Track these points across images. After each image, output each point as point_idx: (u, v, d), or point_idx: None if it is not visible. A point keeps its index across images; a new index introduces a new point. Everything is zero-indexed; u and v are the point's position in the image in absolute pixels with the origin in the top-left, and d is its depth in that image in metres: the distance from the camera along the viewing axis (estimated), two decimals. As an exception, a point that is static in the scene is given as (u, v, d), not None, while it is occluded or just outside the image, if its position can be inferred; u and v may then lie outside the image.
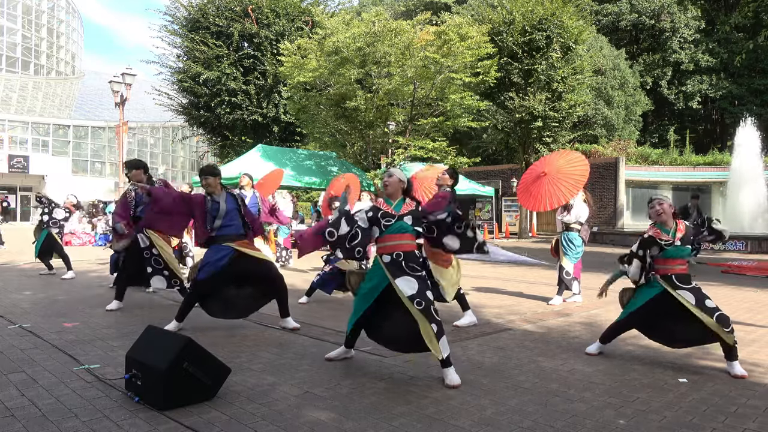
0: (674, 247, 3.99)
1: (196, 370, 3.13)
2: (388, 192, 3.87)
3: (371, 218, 3.82)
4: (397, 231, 3.76)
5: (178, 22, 23.50)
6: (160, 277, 5.91)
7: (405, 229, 3.77)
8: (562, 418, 3.00)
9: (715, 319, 3.79)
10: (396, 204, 3.85)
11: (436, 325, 3.55)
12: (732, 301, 7.12)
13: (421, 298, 3.58)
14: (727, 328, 3.77)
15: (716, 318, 3.80)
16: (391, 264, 3.70)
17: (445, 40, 16.82)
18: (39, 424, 2.86)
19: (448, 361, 3.58)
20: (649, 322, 4.16)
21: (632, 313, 4.14)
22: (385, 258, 3.74)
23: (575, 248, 6.69)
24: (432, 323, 3.54)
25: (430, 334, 3.52)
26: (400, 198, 3.89)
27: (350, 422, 2.92)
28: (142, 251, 5.86)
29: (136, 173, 5.99)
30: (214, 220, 4.82)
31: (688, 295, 3.91)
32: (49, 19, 53.04)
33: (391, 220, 3.76)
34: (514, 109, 22.10)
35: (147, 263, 5.87)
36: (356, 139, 18.74)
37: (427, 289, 3.66)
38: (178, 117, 26.13)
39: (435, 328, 3.53)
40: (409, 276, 3.65)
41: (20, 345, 4.47)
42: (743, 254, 15.10)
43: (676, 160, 26.02)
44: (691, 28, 32.72)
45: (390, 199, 3.88)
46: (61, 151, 40.57)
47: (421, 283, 3.65)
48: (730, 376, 3.78)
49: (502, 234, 24.80)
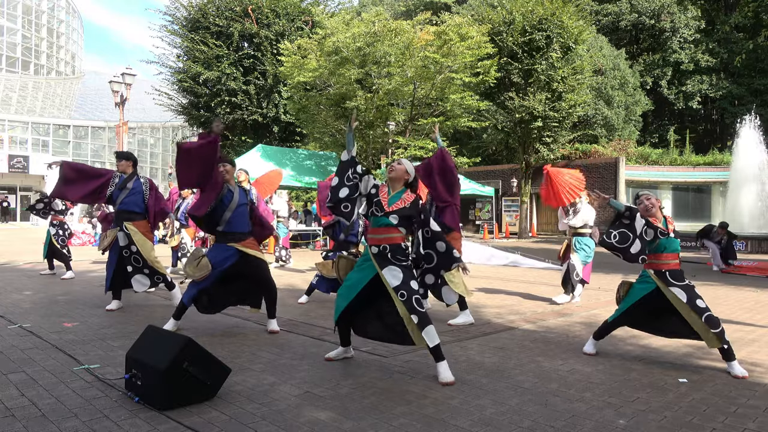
0: (667, 238, 4.02)
1: (196, 370, 3.13)
2: (391, 177, 3.90)
3: (369, 194, 3.87)
4: (383, 225, 3.80)
5: (178, 22, 23.52)
6: (142, 276, 5.90)
7: (390, 224, 3.80)
8: (562, 418, 3.00)
9: (703, 319, 3.83)
10: (394, 194, 3.86)
11: (417, 316, 3.57)
12: (732, 301, 7.13)
13: (404, 289, 3.62)
14: (715, 329, 3.78)
15: (705, 318, 3.83)
16: (378, 255, 3.76)
17: (445, 40, 16.82)
18: (39, 424, 2.86)
19: (439, 354, 3.61)
20: (641, 319, 4.21)
21: (625, 312, 4.17)
22: (373, 249, 3.81)
23: (588, 251, 6.73)
24: (413, 314, 3.57)
25: (412, 324, 3.58)
26: (400, 188, 3.90)
27: (350, 422, 2.92)
28: (121, 250, 5.84)
29: (125, 164, 6.02)
30: (224, 212, 4.77)
31: (680, 293, 3.93)
32: (49, 19, 53.06)
33: (378, 213, 3.81)
34: (514, 109, 22.10)
35: (126, 262, 5.87)
36: (356, 139, 18.75)
37: (411, 279, 3.70)
38: (178, 117, 26.14)
39: (416, 319, 3.57)
40: (394, 266, 3.71)
41: (20, 345, 4.47)
42: (743, 254, 15.09)
43: (676, 160, 26.02)
44: (691, 28, 32.71)
45: (391, 185, 3.91)
46: (61, 151, 40.58)
47: (406, 274, 3.70)
48: (730, 376, 3.79)
49: (502, 234, 24.81)
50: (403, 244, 3.85)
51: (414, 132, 18.70)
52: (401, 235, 3.82)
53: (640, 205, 4.12)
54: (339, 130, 18.87)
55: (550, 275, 9.93)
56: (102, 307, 6.12)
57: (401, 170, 3.90)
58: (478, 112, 20.68)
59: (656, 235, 3.99)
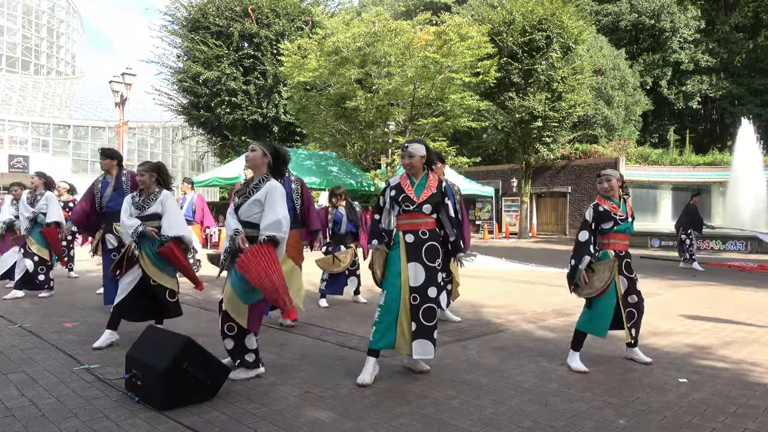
0: (626, 222, 4.03)
1: (196, 370, 3.13)
2: (412, 172, 3.77)
3: (393, 198, 3.76)
4: (417, 212, 3.70)
5: (178, 22, 23.53)
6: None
7: (423, 213, 3.72)
8: (562, 418, 3.00)
9: (626, 312, 3.95)
10: (418, 182, 3.75)
11: (417, 325, 3.55)
12: (732, 301, 7.12)
13: (419, 293, 3.58)
14: (629, 323, 3.95)
15: (627, 312, 3.96)
16: (412, 245, 3.65)
17: (445, 40, 16.82)
18: (39, 424, 2.86)
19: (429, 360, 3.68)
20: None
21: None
22: (408, 237, 3.67)
23: None
24: (414, 321, 3.55)
25: (405, 329, 3.56)
26: (422, 174, 3.79)
27: (350, 422, 2.92)
28: (110, 252, 5.54)
29: (109, 162, 5.66)
30: None
31: (624, 283, 3.98)
32: (49, 19, 53.07)
33: (410, 207, 3.70)
34: (514, 109, 22.10)
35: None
36: (356, 139, 18.75)
37: (431, 285, 3.61)
38: (178, 117, 26.15)
39: (414, 326, 3.54)
40: (422, 264, 3.61)
41: (20, 345, 4.47)
42: (743, 254, 15.10)
43: (676, 160, 26.00)
44: (691, 28, 32.69)
45: (413, 177, 3.79)
46: (61, 151, 40.56)
47: (428, 277, 3.60)
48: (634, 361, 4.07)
49: (502, 234, 24.80)
50: (440, 231, 3.77)
51: (414, 132, 18.69)
52: (434, 220, 3.76)
53: (599, 185, 4.08)
54: (339, 130, 18.86)
55: (550, 275, 9.93)
56: (102, 307, 6.11)
57: (418, 160, 3.74)
58: (478, 112, 20.68)
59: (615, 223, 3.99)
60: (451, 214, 3.81)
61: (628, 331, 4.00)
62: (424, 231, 3.68)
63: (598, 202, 4.04)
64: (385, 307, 3.61)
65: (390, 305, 3.60)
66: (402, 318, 3.58)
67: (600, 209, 3.99)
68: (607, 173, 4.07)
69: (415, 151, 3.73)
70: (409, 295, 3.57)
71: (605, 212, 3.98)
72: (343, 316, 6.00)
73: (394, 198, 3.75)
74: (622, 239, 4.04)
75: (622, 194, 4.11)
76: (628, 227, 4.05)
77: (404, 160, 3.76)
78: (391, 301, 3.60)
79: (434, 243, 3.69)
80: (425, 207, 3.71)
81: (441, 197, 3.77)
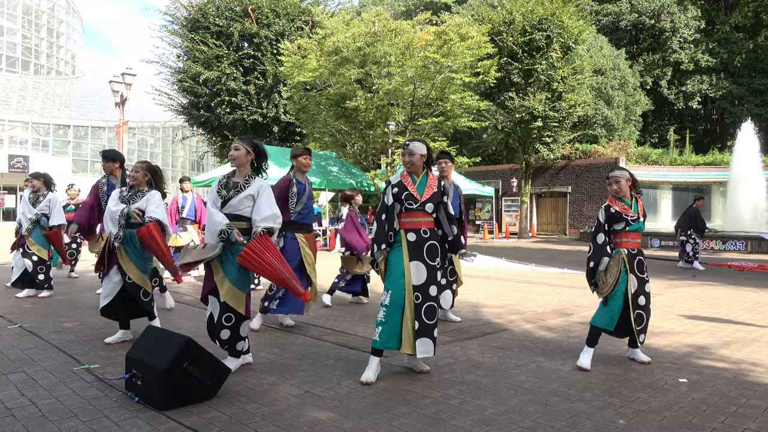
0: (638, 222, 4.04)
1: (196, 370, 3.13)
2: (413, 170, 3.81)
3: (396, 196, 3.77)
4: (418, 210, 3.73)
5: (178, 22, 23.53)
6: None
7: (425, 212, 3.74)
8: (562, 418, 3.00)
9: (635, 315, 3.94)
10: (420, 181, 3.79)
11: (420, 323, 3.56)
12: (732, 301, 7.13)
13: (421, 292, 3.59)
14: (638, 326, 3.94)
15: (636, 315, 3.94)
16: (414, 244, 3.66)
17: (445, 40, 16.82)
18: (39, 424, 2.86)
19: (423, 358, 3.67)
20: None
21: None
22: (410, 236, 3.69)
23: None
24: (417, 320, 3.56)
25: (409, 328, 3.55)
26: (423, 172, 3.83)
27: (350, 422, 2.92)
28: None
29: (111, 165, 5.63)
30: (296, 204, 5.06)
31: (634, 282, 3.97)
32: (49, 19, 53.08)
33: (413, 205, 3.72)
34: (514, 109, 22.10)
35: None
36: (356, 139, 18.75)
37: (432, 284, 3.63)
38: (178, 117, 26.14)
39: (417, 325, 3.55)
40: (423, 263, 3.63)
41: (20, 345, 4.47)
42: (743, 254, 15.10)
43: (676, 160, 25.99)
44: (691, 28, 32.68)
45: (414, 175, 3.82)
46: (61, 151, 40.60)
47: (430, 276, 3.63)
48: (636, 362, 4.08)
49: (502, 234, 24.81)
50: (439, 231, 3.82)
51: (414, 132, 18.70)
52: (434, 219, 3.80)
53: (609, 187, 4.08)
54: (339, 130, 18.86)
55: (550, 275, 9.93)
56: (102, 307, 6.11)
57: (419, 158, 3.78)
58: (478, 112, 20.68)
59: (627, 223, 4.00)
60: (450, 212, 3.86)
61: (636, 335, 3.98)
62: (426, 230, 3.71)
63: (609, 204, 4.06)
64: (391, 307, 3.61)
65: (396, 305, 3.61)
66: (407, 317, 3.58)
67: (611, 210, 4.02)
68: (615, 175, 4.07)
69: (416, 149, 3.77)
70: (412, 296, 3.58)
71: (617, 213, 4.00)
72: (344, 316, 6.00)
73: (397, 196, 3.77)
74: (634, 238, 4.04)
75: (634, 193, 4.10)
76: (640, 227, 4.05)
77: (405, 158, 3.79)
78: (397, 300, 3.62)
79: (434, 242, 3.72)
80: (428, 206, 3.74)
81: (441, 196, 3.81)
